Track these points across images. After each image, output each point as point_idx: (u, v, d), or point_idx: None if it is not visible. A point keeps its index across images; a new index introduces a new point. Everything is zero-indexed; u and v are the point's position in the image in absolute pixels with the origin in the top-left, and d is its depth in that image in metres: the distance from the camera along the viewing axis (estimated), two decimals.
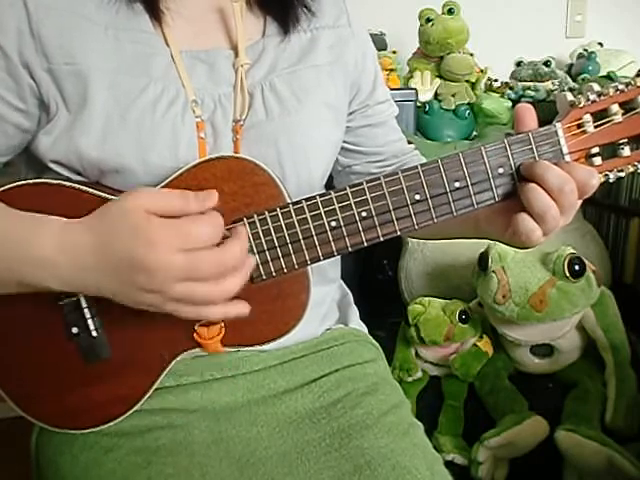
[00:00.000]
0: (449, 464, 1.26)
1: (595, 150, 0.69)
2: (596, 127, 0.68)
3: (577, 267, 1.26)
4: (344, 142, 0.92)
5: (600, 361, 1.34)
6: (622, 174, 0.70)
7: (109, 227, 0.62)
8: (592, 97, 0.68)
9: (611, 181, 0.70)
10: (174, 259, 0.59)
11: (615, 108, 0.68)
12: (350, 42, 0.88)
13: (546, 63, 1.90)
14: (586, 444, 1.17)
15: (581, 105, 0.68)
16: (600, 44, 2.10)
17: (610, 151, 0.68)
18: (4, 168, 0.81)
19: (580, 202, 0.69)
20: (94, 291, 0.64)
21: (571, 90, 1.83)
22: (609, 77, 1.70)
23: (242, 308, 0.66)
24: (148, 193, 0.63)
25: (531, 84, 1.88)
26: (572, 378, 1.35)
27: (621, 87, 0.68)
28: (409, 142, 1.01)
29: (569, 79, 1.91)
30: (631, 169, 0.70)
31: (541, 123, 0.69)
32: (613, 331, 1.33)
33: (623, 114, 0.68)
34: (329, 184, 0.90)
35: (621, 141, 0.69)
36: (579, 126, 0.68)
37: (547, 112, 0.75)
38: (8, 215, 0.68)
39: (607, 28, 2.21)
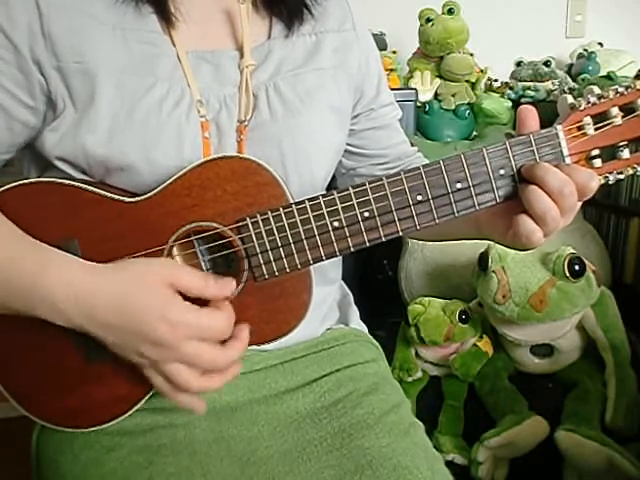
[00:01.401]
0: (449, 464, 1.26)
1: (595, 152, 0.69)
2: (596, 129, 0.68)
3: (577, 267, 1.27)
4: (348, 145, 0.92)
5: (600, 361, 1.34)
6: (622, 176, 0.70)
7: (132, 288, 0.66)
8: (592, 100, 0.68)
9: (611, 183, 0.70)
10: (186, 344, 0.65)
11: (615, 111, 0.68)
12: (354, 46, 0.89)
13: (546, 63, 1.90)
14: (586, 444, 1.17)
15: (581, 108, 0.68)
16: (600, 44, 2.10)
17: (610, 153, 0.69)
18: (4, 168, 0.81)
19: (580, 204, 0.69)
20: (92, 333, 0.67)
21: (571, 90, 1.83)
22: (609, 77, 1.70)
23: (198, 404, 0.71)
24: (173, 269, 0.68)
25: (531, 84, 1.88)
26: (572, 378, 1.35)
27: (621, 90, 0.68)
28: (409, 142, 1.01)
29: (569, 79, 1.91)
30: (630, 171, 0.70)
31: (541, 123, 0.70)
32: (613, 331, 1.33)
33: (623, 117, 0.68)
34: (331, 186, 0.90)
35: (621, 143, 0.69)
36: (579, 128, 0.69)
37: (547, 112, 0.75)
38: (21, 242, 0.70)
39: (607, 28, 2.21)
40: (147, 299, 0.65)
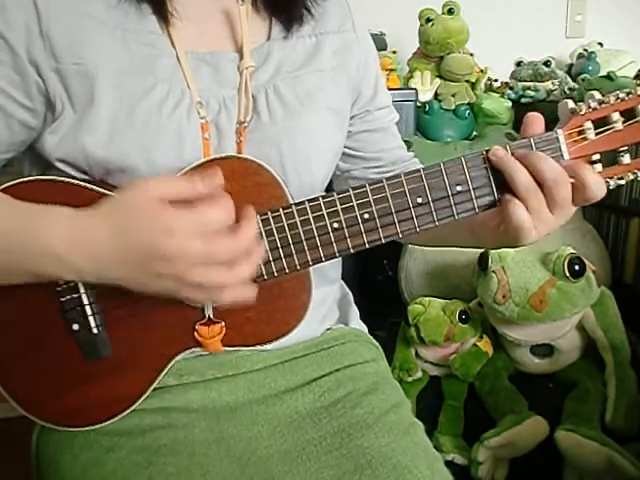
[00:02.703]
0: (449, 464, 1.26)
1: (596, 157, 0.70)
2: (597, 134, 0.69)
3: (577, 267, 1.27)
4: (343, 147, 0.92)
5: (600, 361, 1.34)
6: (622, 181, 0.71)
7: (125, 217, 0.63)
8: (593, 105, 0.68)
9: (611, 188, 0.70)
10: (192, 245, 0.61)
11: (616, 116, 0.69)
12: (354, 47, 0.89)
13: (546, 63, 1.90)
14: (586, 444, 1.18)
15: (582, 112, 0.69)
16: (600, 44, 2.10)
17: (610, 158, 0.69)
18: (4, 168, 0.81)
19: (570, 201, 0.69)
20: (107, 279, 0.65)
21: (571, 90, 1.83)
22: (609, 77, 1.70)
23: (250, 291, 0.67)
24: (156, 182, 0.65)
25: (531, 84, 1.88)
26: (572, 378, 1.36)
27: (622, 95, 0.68)
28: (409, 142, 1.01)
29: (569, 79, 1.91)
30: (631, 177, 0.71)
31: None
32: (613, 331, 1.33)
33: (624, 122, 0.69)
34: (329, 188, 0.90)
35: (621, 149, 0.70)
36: (580, 133, 0.69)
37: (547, 112, 0.75)
38: (11, 205, 0.69)
39: (607, 28, 2.21)
40: (141, 222, 0.62)
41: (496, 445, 1.24)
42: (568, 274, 1.26)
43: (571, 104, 0.69)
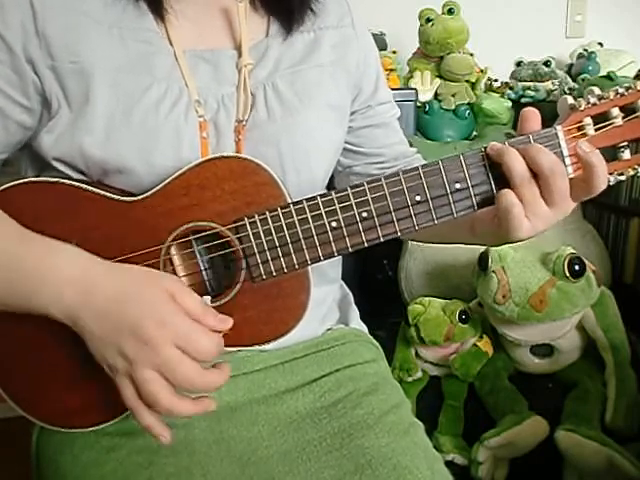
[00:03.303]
0: (449, 464, 1.26)
1: None
2: (596, 130, 0.68)
3: (577, 267, 1.27)
4: (345, 142, 0.92)
5: (600, 361, 1.34)
6: (622, 177, 0.70)
7: (132, 286, 0.66)
8: (592, 100, 0.68)
9: (611, 184, 0.70)
10: (169, 349, 0.63)
11: (616, 112, 0.68)
12: (353, 42, 0.89)
13: (546, 63, 1.90)
14: (586, 444, 1.17)
15: (581, 108, 0.68)
16: (600, 44, 2.10)
17: (611, 154, 0.68)
18: (3, 167, 0.81)
19: (574, 204, 0.69)
20: (82, 324, 0.66)
21: (571, 90, 1.83)
22: (609, 77, 1.70)
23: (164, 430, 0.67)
24: (181, 283, 0.68)
25: (531, 84, 1.88)
26: (572, 378, 1.35)
27: (621, 91, 0.68)
28: (409, 142, 1.01)
29: (569, 79, 1.91)
30: (631, 172, 0.70)
31: (541, 123, 0.70)
32: (613, 331, 1.33)
33: (623, 117, 0.68)
34: (330, 185, 0.90)
35: (621, 144, 0.69)
36: (579, 129, 0.69)
37: (547, 112, 0.75)
38: (24, 238, 0.69)
39: (607, 28, 2.21)
40: (147, 296, 0.64)
41: (496, 445, 1.24)
42: (568, 274, 1.26)
43: (570, 100, 0.69)
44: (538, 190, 0.67)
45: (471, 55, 1.84)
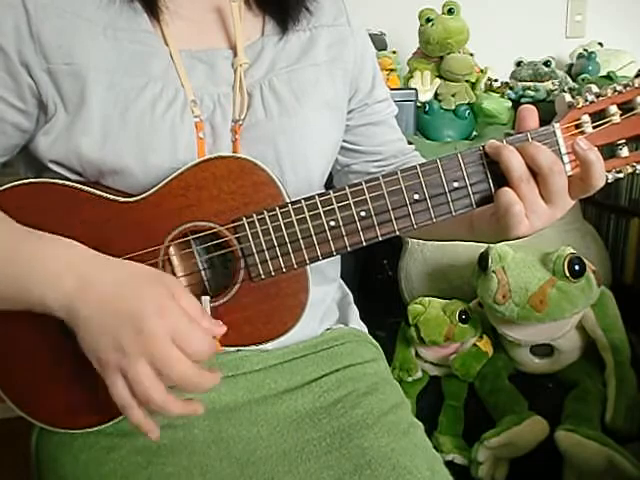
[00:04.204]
0: (449, 464, 1.26)
1: None
2: (594, 128, 0.68)
3: (577, 267, 1.27)
4: (342, 141, 0.92)
5: (600, 361, 1.34)
6: (621, 175, 0.70)
7: (132, 278, 0.65)
8: (590, 98, 0.68)
9: (609, 182, 0.69)
10: (166, 343, 0.62)
11: (614, 109, 0.68)
12: (349, 41, 0.88)
13: (546, 63, 1.90)
14: (586, 444, 1.17)
15: (579, 106, 0.68)
16: (600, 44, 2.10)
17: (609, 152, 0.68)
18: (3, 169, 0.81)
19: (573, 202, 0.69)
20: (79, 316, 0.64)
21: (571, 90, 1.83)
22: (609, 77, 1.71)
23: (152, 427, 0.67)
24: (179, 283, 0.68)
25: (531, 84, 1.88)
26: (572, 378, 1.35)
27: (619, 88, 0.68)
28: (409, 142, 1.01)
29: (569, 79, 1.91)
30: (630, 170, 0.70)
31: (541, 123, 0.69)
32: (613, 331, 1.33)
33: (621, 115, 0.68)
34: (328, 184, 0.90)
35: (619, 142, 0.69)
36: (577, 126, 0.68)
37: (547, 112, 0.75)
38: (21, 233, 0.69)
39: (607, 28, 2.21)
40: (147, 289, 0.64)
41: (496, 445, 1.24)
42: (568, 274, 1.26)
43: (568, 98, 0.69)
44: (537, 187, 0.67)
45: (471, 55, 1.84)
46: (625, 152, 0.69)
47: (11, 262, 0.67)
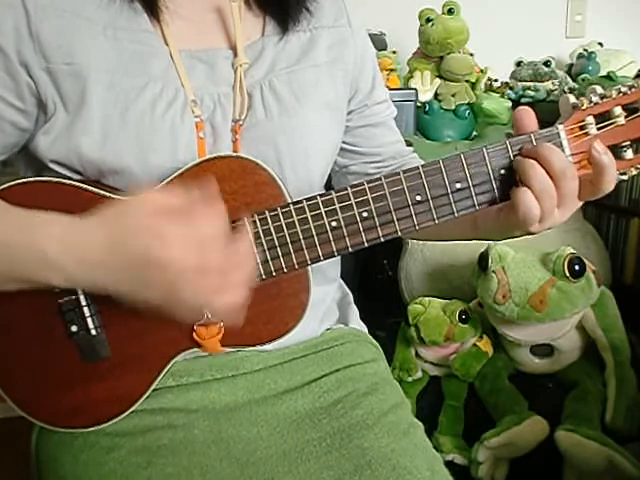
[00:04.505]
0: (449, 464, 1.26)
1: None
2: (599, 129, 0.68)
3: (577, 267, 1.27)
4: (342, 142, 0.92)
5: (600, 361, 1.34)
6: (625, 177, 0.69)
7: (120, 226, 0.62)
8: (595, 99, 0.67)
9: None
10: (185, 254, 0.60)
11: (618, 110, 0.67)
12: (349, 42, 0.88)
13: (546, 63, 1.90)
14: (586, 444, 1.17)
15: (584, 107, 0.67)
16: (600, 44, 2.10)
17: (613, 153, 0.67)
18: (3, 168, 0.81)
19: (577, 197, 0.68)
20: (101, 288, 0.64)
21: (571, 90, 1.83)
22: (609, 77, 1.70)
23: (241, 296, 0.65)
24: (153, 193, 0.64)
25: (531, 84, 1.88)
26: (572, 378, 1.35)
27: (624, 89, 0.67)
28: (409, 142, 1.01)
29: (569, 79, 1.91)
30: (634, 172, 0.69)
31: (541, 123, 0.69)
32: (613, 331, 1.33)
33: (626, 116, 0.67)
34: (327, 185, 0.90)
35: (624, 143, 0.69)
36: (581, 128, 0.68)
37: (547, 112, 0.75)
38: (8, 213, 0.68)
39: (607, 28, 2.21)
40: (136, 229, 0.61)
41: (496, 445, 1.24)
42: (568, 274, 1.26)
43: (572, 99, 0.68)
44: (557, 198, 0.66)
45: (471, 55, 1.84)
46: (630, 154, 0.69)
47: (7, 247, 0.66)
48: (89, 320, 0.74)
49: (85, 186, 0.72)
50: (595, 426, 1.23)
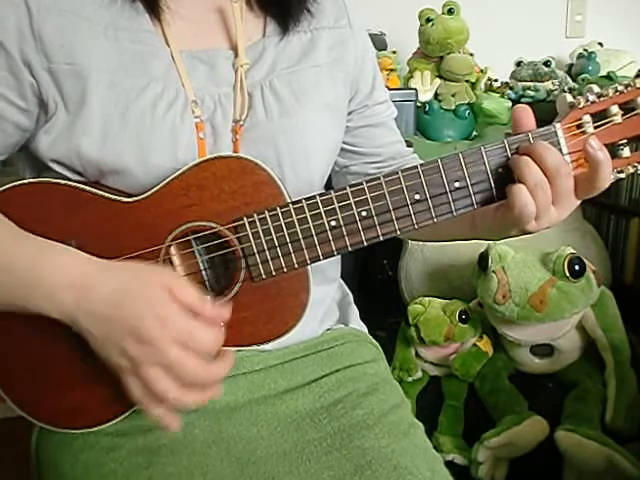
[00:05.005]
0: (449, 464, 1.26)
1: None
2: (596, 128, 0.68)
3: (577, 267, 1.27)
4: (342, 142, 0.92)
5: (600, 361, 1.34)
6: (622, 175, 0.69)
7: (134, 284, 0.65)
8: (592, 98, 0.68)
9: (611, 181, 0.69)
10: (172, 347, 0.63)
11: (615, 109, 0.68)
12: (350, 42, 0.88)
13: (546, 63, 1.90)
14: (586, 444, 1.18)
15: (581, 106, 0.68)
16: (600, 44, 2.10)
17: (610, 152, 0.68)
18: (3, 168, 0.81)
19: (578, 202, 0.69)
20: (83, 328, 0.66)
21: (571, 90, 1.83)
22: (609, 77, 1.70)
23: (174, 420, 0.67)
24: (176, 275, 0.68)
25: (531, 84, 1.88)
26: (572, 378, 1.35)
27: (621, 88, 0.67)
28: (409, 142, 1.01)
29: (569, 79, 1.91)
30: (631, 170, 0.69)
31: (541, 123, 0.69)
32: (613, 331, 1.33)
33: (623, 115, 0.68)
34: (327, 185, 0.90)
35: (621, 142, 0.69)
36: (579, 127, 0.68)
37: (547, 112, 0.75)
38: (19, 239, 0.69)
39: (607, 28, 2.21)
40: (144, 294, 0.64)
41: (496, 445, 1.24)
42: (568, 274, 1.26)
43: (569, 98, 0.68)
44: (551, 195, 0.66)
45: (471, 55, 1.84)
46: (626, 152, 0.69)
47: (6, 271, 0.68)
48: None
49: (85, 187, 0.72)
50: (595, 426, 1.23)
